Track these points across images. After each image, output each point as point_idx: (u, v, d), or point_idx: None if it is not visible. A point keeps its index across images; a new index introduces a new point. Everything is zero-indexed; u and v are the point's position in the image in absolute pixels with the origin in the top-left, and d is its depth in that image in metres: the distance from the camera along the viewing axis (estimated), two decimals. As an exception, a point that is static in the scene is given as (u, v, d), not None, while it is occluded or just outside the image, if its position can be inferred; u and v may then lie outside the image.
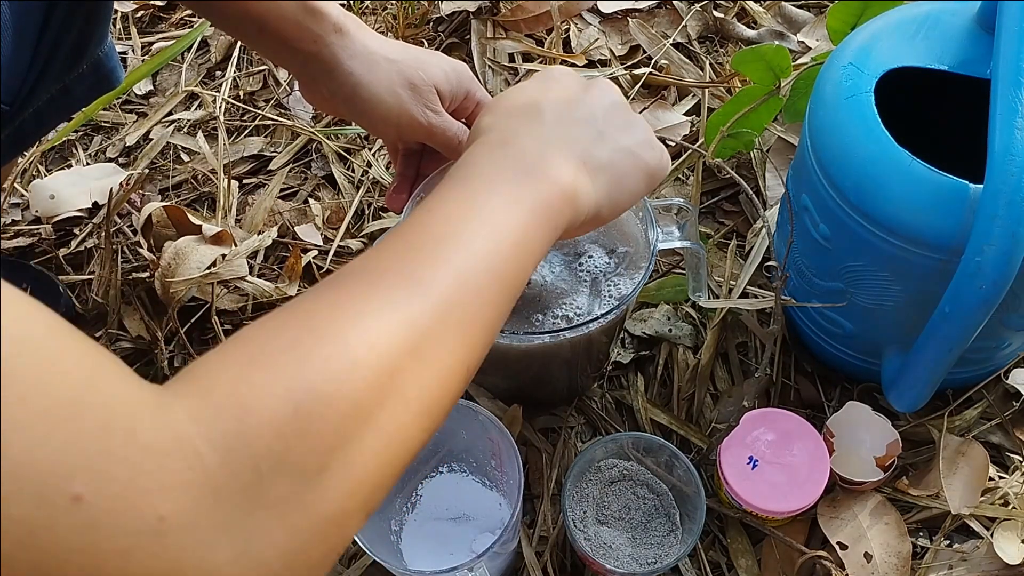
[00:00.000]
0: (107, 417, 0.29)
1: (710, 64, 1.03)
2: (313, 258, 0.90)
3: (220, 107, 1.03)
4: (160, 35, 1.14)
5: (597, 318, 0.63)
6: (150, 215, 0.89)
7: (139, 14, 1.16)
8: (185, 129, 1.03)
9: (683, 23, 1.06)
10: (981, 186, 0.53)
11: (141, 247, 0.89)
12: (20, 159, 1.00)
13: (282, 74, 1.07)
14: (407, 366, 0.36)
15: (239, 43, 1.09)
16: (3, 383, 0.26)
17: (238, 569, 0.30)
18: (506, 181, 0.45)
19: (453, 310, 0.39)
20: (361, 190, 0.95)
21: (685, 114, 0.98)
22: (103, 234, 0.89)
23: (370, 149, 0.99)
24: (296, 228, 0.93)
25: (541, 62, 1.05)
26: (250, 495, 0.31)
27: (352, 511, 0.35)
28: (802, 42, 1.03)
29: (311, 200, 0.96)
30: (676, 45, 1.05)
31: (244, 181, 0.98)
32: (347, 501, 0.34)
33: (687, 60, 1.04)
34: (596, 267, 0.68)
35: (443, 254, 0.40)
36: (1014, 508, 0.70)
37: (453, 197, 0.44)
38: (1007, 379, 0.77)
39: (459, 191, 0.45)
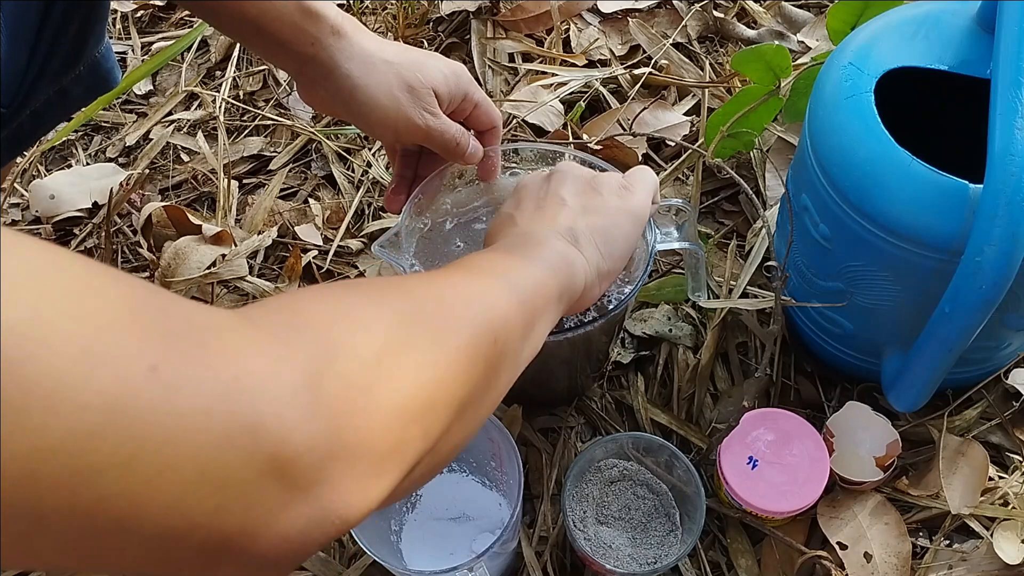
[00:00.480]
0: (166, 307, 0.30)
1: (710, 64, 1.03)
2: (313, 258, 0.90)
3: (220, 107, 1.03)
4: (160, 35, 1.14)
5: (596, 318, 0.63)
6: (150, 215, 0.89)
7: (139, 14, 1.16)
8: (185, 129, 1.03)
9: (683, 23, 1.06)
10: (981, 186, 0.53)
11: (141, 247, 0.89)
12: (20, 159, 1.00)
13: (282, 74, 1.07)
14: (487, 356, 0.42)
15: (239, 43, 1.09)
16: (61, 283, 0.28)
17: (313, 429, 0.32)
18: (498, 262, 0.51)
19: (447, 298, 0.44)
20: (361, 190, 0.95)
21: (685, 114, 0.98)
22: (103, 234, 0.89)
23: (370, 149, 0.99)
24: (296, 228, 0.93)
25: (541, 62, 1.05)
26: (316, 371, 0.33)
27: (409, 419, 0.36)
28: (802, 42, 1.03)
29: (311, 200, 0.96)
30: (676, 45, 1.05)
31: (244, 181, 0.99)
32: (403, 400, 0.36)
33: (687, 60, 1.04)
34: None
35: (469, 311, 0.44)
36: (1014, 508, 0.70)
37: (440, 281, 0.47)
38: (1007, 379, 0.77)
39: (447, 280, 0.48)
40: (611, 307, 0.64)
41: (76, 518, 0.27)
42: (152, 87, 1.09)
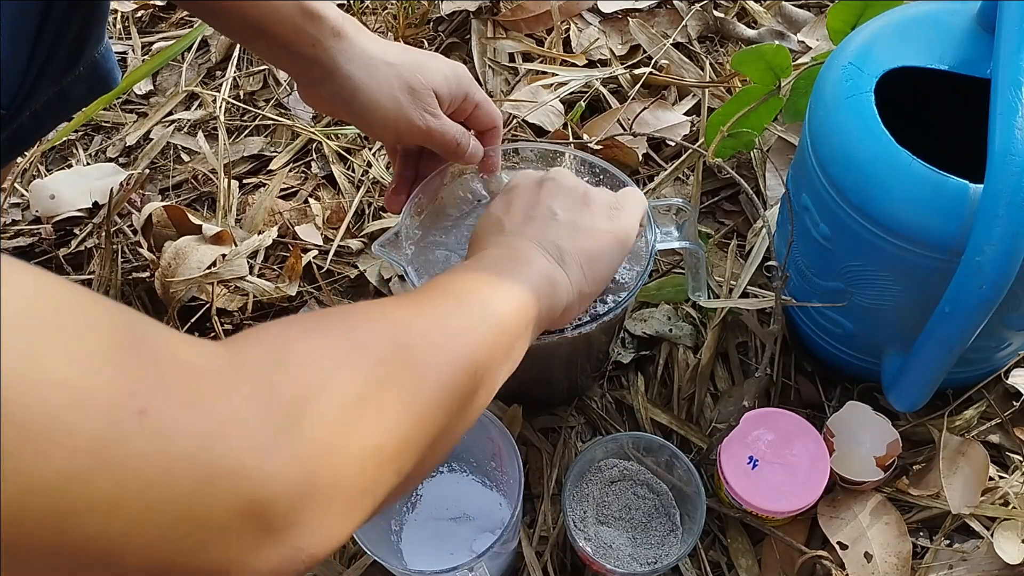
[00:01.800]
0: (156, 347, 0.31)
1: (710, 64, 1.03)
2: (313, 258, 0.90)
3: (220, 107, 1.03)
4: (160, 35, 1.14)
5: (596, 318, 0.63)
6: (150, 215, 0.89)
7: (139, 14, 1.16)
8: (185, 129, 1.03)
9: (683, 23, 1.06)
10: (981, 186, 0.53)
11: (141, 247, 0.89)
12: (20, 159, 1.00)
13: (282, 74, 1.07)
14: (407, 364, 0.41)
15: (239, 44, 1.09)
16: (58, 323, 0.28)
17: (293, 474, 0.33)
18: (486, 271, 0.51)
19: (420, 337, 0.44)
20: (361, 190, 0.95)
21: (685, 114, 0.98)
22: (103, 234, 0.89)
23: (370, 149, 0.99)
24: (296, 228, 0.93)
25: (541, 62, 1.05)
26: (295, 413, 0.34)
27: (384, 460, 0.38)
28: (802, 42, 1.03)
29: (311, 200, 0.96)
30: (676, 45, 1.05)
31: (244, 181, 0.99)
32: (379, 441, 0.37)
33: (687, 60, 1.04)
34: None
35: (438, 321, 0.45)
36: (1014, 508, 0.70)
37: (433, 293, 0.49)
38: (1007, 379, 0.77)
39: (440, 290, 0.49)
40: (612, 307, 0.64)
41: (61, 556, 0.28)
42: (152, 87, 1.09)
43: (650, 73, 1.01)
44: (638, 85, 1.00)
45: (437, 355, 0.42)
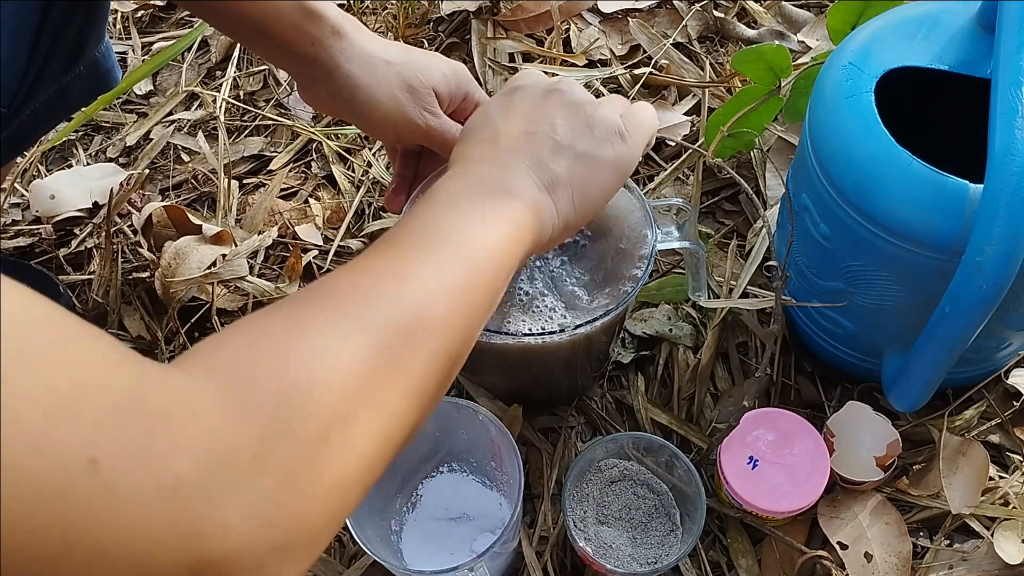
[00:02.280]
0: (115, 387, 0.30)
1: (710, 64, 1.03)
2: (313, 258, 0.90)
3: (220, 107, 1.03)
4: (160, 35, 1.14)
5: (596, 318, 0.63)
6: (150, 215, 0.89)
7: (139, 14, 1.16)
8: (185, 129, 1.03)
9: (683, 23, 1.06)
10: (981, 186, 0.53)
11: (141, 247, 0.89)
12: (20, 159, 1.00)
13: (282, 74, 1.07)
14: (401, 352, 0.39)
15: (239, 43, 1.09)
16: (13, 361, 0.27)
17: (248, 527, 0.32)
18: (471, 204, 0.48)
19: (433, 311, 0.42)
20: (361, 190, 0.95)
21: (685, 114, 0.98)
22: (103, 234, 0.89)
23: (370, 149, 0.99)
24: (296, 228, 0.93)
25: (541, 62, 1.05)
26: (258, 458, 0.32)
27: (351, 483, 0.37)
28: (802, 42, 1.03)
29: (311, 200, 0.96)
30: (676, 45, 1.05)
31: (244, 181, 0.99)
32: (346, 471, 0.36)
33: (687, 60, 1.04)
34: (595, 267, 0.67)
35: (417, 269, 0.43)
36: (1014, 508, 0.70)
37: (420, 224, 0.47)
38: (1007, 379, 0.77)
39: (425, 219, 0.47)
40: (612, 307, 0.64)
41: None
42: (152, 87, 1.09)
43: (650, 73, 1.01)
44: (638, 85, 1.00)
45: (414, 354, 0.40)
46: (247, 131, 1.03)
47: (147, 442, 0.30)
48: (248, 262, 0.88)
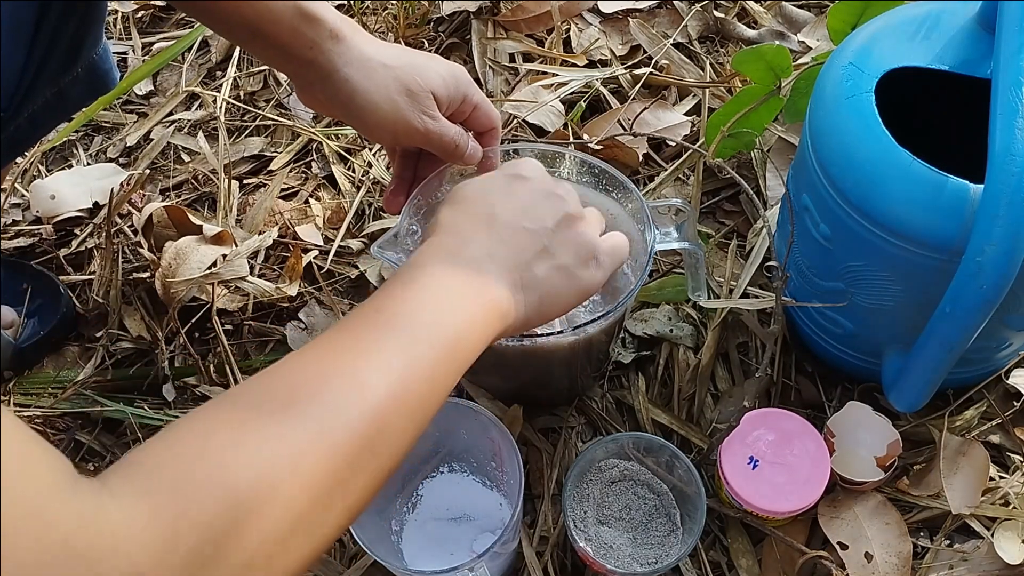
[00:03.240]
0: (41, 524, 0.30)
1: (710, 64, 1.03)
2: (314, 258, 0.90)
3: (220, 107, 1.03)
4: (160, 35, 1.14)
5: (595, 318, 0.63)
6: (151, 215, 0.89)
7: (139, 14, 1.16)
8: (185, 129, 1.04)
9: (683, 23, 1.06)
10: (981, 186, 0.53)
11: (142, 247, 0.89)
12: (20, 159, 1.00)
13: (282, 74, 1.07)
14: (344, 475, 0.40)
15: (237, 46, 1.09)
16: None
17: None
18: (447, 289, 0.50)
19: (390, 417, 0.43)
20: (362, 190, 0.95)
21: (686, 114, 0.98)
22: (104, 234, 0.90)
23: (370, 149, 0.99)
24: (297, 228, 0.93)
25: (541, 62, 1.05)
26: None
27: (309, 558, 0.38)
28: (802, 42, 1.03)
29: (311, 200, 0.96)
30: (676, 45, 1.05)
31: (244, 181, 0.99)
32: (308, 552, 0.38)
33: (687, 60, 1.04)
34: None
35: (386, 359, 0.44)
36: (1014, 508, 0.70)
37: (400, 296, 0.48)
38: (1007, 379, 0.77)
39: (405, 290, 0.49)
40: (612, 308, 0.64)
41: None
42: (153, 87, 1.09)
43: (650, 73, 1.01)
44: (638, 85, 1.00)
45: (372, 467, 0.41)
46: (247, 131, 1.03)
47: None
48: (248, 262, 0.88)
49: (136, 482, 0.35)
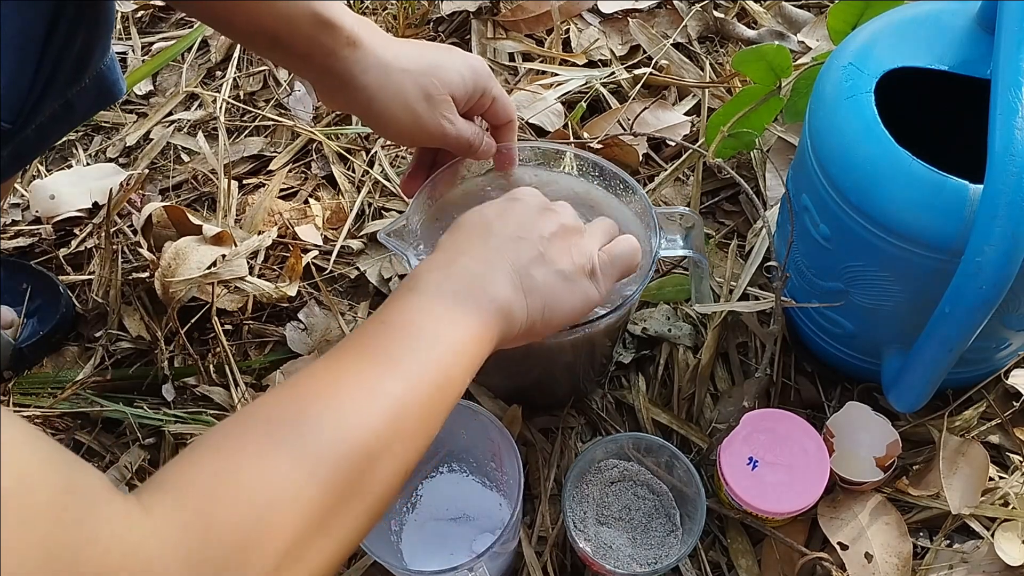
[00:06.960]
0: (83, 536, 0.32)
1: (710, 64, 1.03)
2: (313, 258, 0.90)
3: (220, 107, 1.03)
4: (160, 35, 1.14)
5: (596, 319, 0.63)
6: (150, 215, 0.89)
7: (139, 14, 1.16)
8: (185, 129, 1.03)
9: (683, 23, 1.06)
10: (981, 186, 0.53)
11: (141, 247, 0.89)
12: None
13: (282, 74, 1.07)
14: (361, 475, 0.42)
15: (255, 54, 1.09)
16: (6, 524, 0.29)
17: None
18: (445, 304, 0.50)
19: (397, 427, 0.44)
20: (362, 190, 0.95)
21: (685, 114, 0.98)
22: (103, 234, 0.89)
23: (370, 149, 0.99)
24: (296, 228, 0.93)
25: (541, 62, 1.05)
26: None
27: None
28: (802, 42, 1.03)
29: (311, 200, 0.96)
30: (676, 45, 1.05)
31: (244, 181, 0.99)
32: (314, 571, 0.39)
33: (687, 60, 1.04)
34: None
35: (402, 369, 0.46)
36: (1014, 508, 0.70)
37: (398, 316, 0.50)
38: (1007, 379, 0.77)
39: (403, 310, 0.50)
40: (613, 309, 0.64)
41: None
42: (152, 87, 1.09)
43: (650, 73, 1.01)
44: (638, 85, 1.00)
45: (385, 473, 0.43)
46: (247, 131, 1.03)
47: None
48: (248, 262, 0.88)
49: (169, 495, 0.36)
